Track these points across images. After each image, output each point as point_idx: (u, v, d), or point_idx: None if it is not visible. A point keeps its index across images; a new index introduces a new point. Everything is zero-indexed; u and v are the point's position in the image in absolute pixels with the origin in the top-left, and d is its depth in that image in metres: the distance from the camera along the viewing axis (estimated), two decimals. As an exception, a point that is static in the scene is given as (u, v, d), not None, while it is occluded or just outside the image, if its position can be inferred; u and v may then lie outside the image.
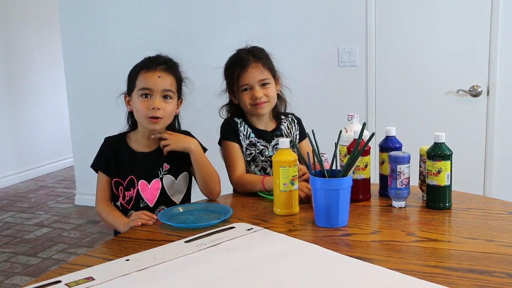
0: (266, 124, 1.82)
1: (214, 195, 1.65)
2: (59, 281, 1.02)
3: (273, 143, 1.79)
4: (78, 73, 3.94)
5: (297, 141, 1.86)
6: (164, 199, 1.63)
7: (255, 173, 1.78)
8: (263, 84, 1.73)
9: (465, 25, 2.81)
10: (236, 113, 1.83)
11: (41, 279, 1.03)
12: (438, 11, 2.85)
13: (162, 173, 1.63)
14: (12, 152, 4.91)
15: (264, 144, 1.78)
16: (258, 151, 1.77)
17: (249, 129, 1.78)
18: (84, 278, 1.02)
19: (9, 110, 4.86)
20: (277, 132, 1.82)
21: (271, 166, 1.77)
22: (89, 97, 3.91)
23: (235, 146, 1.75)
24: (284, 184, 1.41)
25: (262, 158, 1.78)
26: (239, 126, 1.78)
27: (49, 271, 1.09)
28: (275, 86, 1.77)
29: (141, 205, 1.60)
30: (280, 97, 1.84)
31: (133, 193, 1.61)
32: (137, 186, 1.61)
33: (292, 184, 1.41)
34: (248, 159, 1.77)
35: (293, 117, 1.90)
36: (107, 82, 3.65)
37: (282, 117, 1.87)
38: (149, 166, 1.63)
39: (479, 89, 2.82)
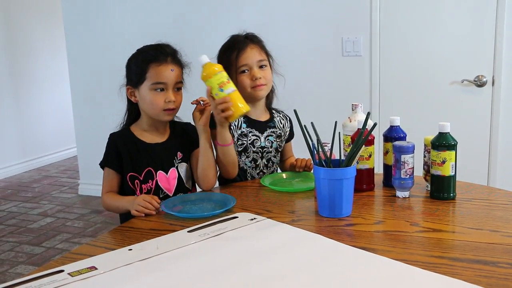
0: (260, 114, 1.81)
1: (210, 183, 1.63)
2: (62, 271, 1.02)
3: (265, 134, 1.77)
4: (81, 62, 3.92)
5: (286, 137, 1.87)
6: (182, 187, 1.65)
7: (246, 164, 1.76)
8: (261, 66, 1.73)
9: (470, 15, 2.78)
10: None
11: (44, 268, 1.03)
12: (443, 1, 2.83)
13: (177, 161, 1.64)
14: (16, 142, 4.91)
15: (256, 134, 1.76)
16: (249, 142, 1.75)
17: (240, 119, 1.75)
18: (87, 268, 1.03)
19: (13, 100, 4.86)
20: (270, 124, 1.81)
21: (262, 157, 1.78)
22: (93, 87, 3.89)
23: None
24: (216, 94, 1.53)
25: (254, 149, 1.76)
26: None
27: (52, 261, 1.09)
28: (270, 70, 1.77)
29: (160, 196, 1.60)
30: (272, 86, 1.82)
31: (152, 184, 1.60)
32: (156, 177, 1.61)
33: (222, 90, 1.52)
34: (240, 149, 1.74)
35: (285, 114, 1.90)
36: (110, 71, 3.61)
37: (274, 111, 1.87)
38: (166, 156, 1.63)
39: (484, 79, 2.80)
